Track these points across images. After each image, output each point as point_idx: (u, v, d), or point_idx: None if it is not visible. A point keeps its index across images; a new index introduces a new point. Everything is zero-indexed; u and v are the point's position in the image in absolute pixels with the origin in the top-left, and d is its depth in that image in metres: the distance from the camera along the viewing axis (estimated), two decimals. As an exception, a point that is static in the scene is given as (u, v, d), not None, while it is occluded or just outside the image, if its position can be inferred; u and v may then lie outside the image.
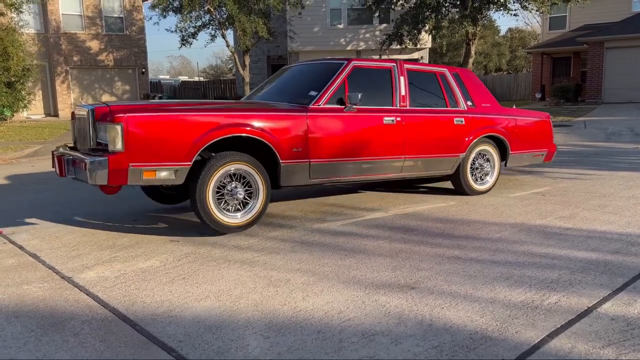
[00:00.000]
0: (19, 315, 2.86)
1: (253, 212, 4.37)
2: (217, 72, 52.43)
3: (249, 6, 18.94)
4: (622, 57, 20.18)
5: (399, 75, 5.32)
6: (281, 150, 4.43)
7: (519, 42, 41.82)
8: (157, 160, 3.96)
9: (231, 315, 2.79)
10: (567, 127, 13.84)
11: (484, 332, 2.54)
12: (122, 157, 3.84)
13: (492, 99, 6.08)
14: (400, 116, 5.15)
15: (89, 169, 3.79)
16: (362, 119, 4.92)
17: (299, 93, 5.01)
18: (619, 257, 3.64)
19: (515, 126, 6.06)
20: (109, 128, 3.85)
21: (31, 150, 12.55)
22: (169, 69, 67.36)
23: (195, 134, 4.04)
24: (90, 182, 3.84)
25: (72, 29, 22.93)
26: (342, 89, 4.88)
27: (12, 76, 15.70)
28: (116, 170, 3.84)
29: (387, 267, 3.51)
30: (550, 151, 6.53)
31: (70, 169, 4.14)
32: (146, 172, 3.94)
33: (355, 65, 5.08)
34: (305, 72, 5.62)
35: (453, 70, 5.88)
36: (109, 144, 3.87)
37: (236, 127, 4.20)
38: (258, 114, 4.37)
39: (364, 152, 4.92)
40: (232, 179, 4.29)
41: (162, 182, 4.06)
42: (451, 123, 5.51)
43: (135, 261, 3.75)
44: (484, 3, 17.75)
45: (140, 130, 3.88)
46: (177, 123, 4.01)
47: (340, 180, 4.92)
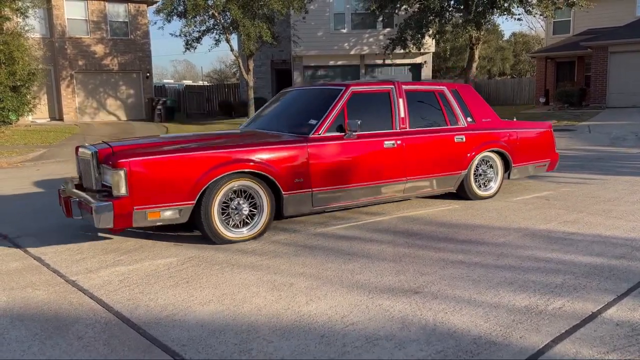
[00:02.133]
0: (23, 319, 2.87)
1: (258, 227, 4.39)
2: (221, 76, 52.58)
3: (253, 11, 18.98)
4: (626, 61, 20.13)
5: (397, 98, 5.31)
6: (283, 182, 4.43)
7: (522, 46, 41.79)
8: (161, 201, 3.99)
9: (235, 319, 2.79)
10: (571, 132, 13.81)
11: (488, 337, 2.53)
12: (126, 201, 3.87)
13: (492, 113, 6.08)
14: (400, 139, 5.15)
15: (95, 214, 3.82)
16: (362, 145, 4.91)
17: (298, 121, 5.02)
18: (623, 262, 3.63)
19: (517, 139, 6.06)
20: (113, 174, 3.88)
21: (36, 154, 12.60)
22: (173, 74, 67.57)
23: (198, 172, 4.06)
24: (97, 226, 3.89)
25: (77, 33, 23.04)
26: (341, 115, 4.87)
27: (17, 80, 15.78)
28: (121, 214, 3.87)
29: (391, 271, 3.51)
30: (552, 161, 6.53)
31: (76, 211, 4.19)
32: (151, 214, 3.98)
33: (353, 91, 5.06)
34: (304, 98, 5.63)
35: (452, 87, 5.87)
36: (113, 188, 3.90)
37: (238, 163, 4.21)
38: (259, 148, 4.38)
39: (366, 177, 4.92)
40: (236, 195, 4.30)
41: (166, 221, 4.10)
42: (452, 141, 5.51)
43: (139, 265, 3.76)
44: (487, 7, 17.74)
45: (143, 173, 3.91)
46: (180, 163, 4.04)
47: (343, 205, 4.96)
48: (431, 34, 19.36)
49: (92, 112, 23.91)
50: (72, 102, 23.19)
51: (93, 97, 23.99)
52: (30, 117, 20.33)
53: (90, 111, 23.86)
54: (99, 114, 24.05)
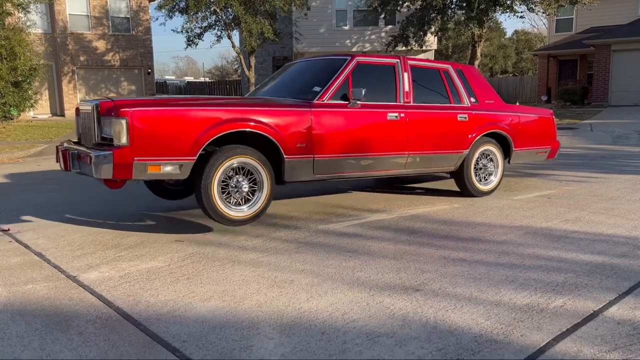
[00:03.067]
0: (24, 314, 2.87)
1: (258, 204, 4.38)
2: (223, 72, 52.54)
3: (255, 7, 18.96)
4: (629, 59, 20.08)
5: (402, 72, 5.31)
6: (285, 146, 4.42)
7: (525, 44, 41.70)
8: (162, 154, 3.97)
9: (235, 315, 2.79)
10: (573, 130, 13.78)
11: (489, 335, 2.53)
12: (127, 151, 3.86)
13: (495, 95, 6.06)
14: (404, 112, 5.14)
15: (94, 163, 3.81)
16: (365, 114, 4.90)
17: (302, 89, 5.01)
18: (625, 260, 3.62)
19: (519, 123, 6.05)
20: (114, 122, 3.87)
21: (37, 149, 12.61)
22: (174, 70, 67.55)
23: (199, 128, 4.05)
24: (95, 176, 3.86)
25: (79, 29, 23.03)
26: (345, 84, 4.87)
27: (19, 76, 15.78)
28: (121, 164, 3.85)
29: (392, 268, 3.50)
30: (553, 148, 6.50)
31: (75, 163, 4.16)
32: (151, 167, 3.96)
33: (358, 62, 5.06)
34: (309, 68, 5.62)
35: (457, 67, 5.87)
36: (114, 138, 3.89)
37: (240, 122, 4.20)
38: (262, 109, 4.37)
39: (368, 148, 4.91)
40: (236, 173, 4.29)
41: (166, 176, 4.07)
42: (455, 119, 5.49)
43: (140, 261, 3.76)
44: (490, 5, 17.70)
45: (145, 124, 3.89)
46: (182, 118, 4.02)
47: (344, 176, 4.91)
48: (433, 31, 19.33)
49: (93, 108, 23.88)
50: (74, 98, 23.19)
51: (94, 92, 23.98)
52: (31, 113, 20.35)
53: (91, 107, 23.83)
54: (101, 110, 24.01)
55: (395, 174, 5.32)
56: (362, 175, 5.08)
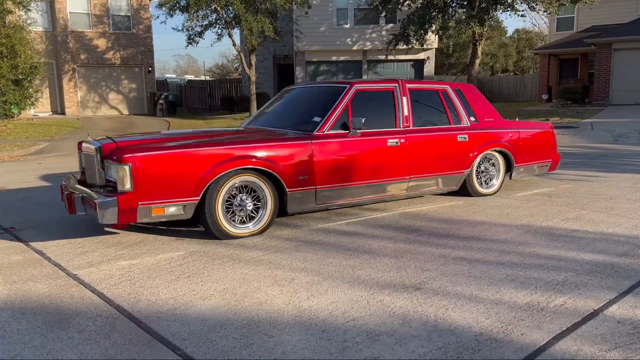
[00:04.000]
0: (25, 312, 2.87)
1: (263, 221, 4.39)
2: (223, 71, 52.52)
3: (256, 5, 18.93)
4: (630, 58, 20.05)
5: (401, 96, 5.30)
6: (287, 179, 4.42)
7: (526, 43, 41.64)
8: (166, 197, 3.98)
9: (236, 313, 2.79)
10: (573, 129, 13.76)
11: (489, 333, 2.53)
12: (131, 196, 3.87)
13: (494, 112, 6.07)
14: (404, 137, 5.14)
15: (99, 209, 3.82)
16: (366, 143, 4.91)
17: (302, 119, 5.01)
18: (625, 259, 3.62)
19: (519, 139, 6.06)
20: (118, 169, 3.87)
21: (38, 147, 12.61)
22: (175, 68, 67.52)
23: (203, 168, 4.05)
24: (101, 222, 3.88)
25: (80, 27, 23.00)
26: (345, 113, 4.86)
27: (19, 74, 15.77)
28: (126, 210, 3.87)
29: (392, 267, 3.51)
30: (554, 162, 6.53)
31: (80, 207, 4.17)
32: (155, 210, 3.98)
33: (358, 89, 5.05)
34: (308, 95, 5.62)
35: (455, 87, 5.86)
36: (118, 184, 3.89)
37: (243, 159, 4.20)
38: (264, 145, 4.37)
39: (370, 175, 4.92)
40: (239, 192, 4.30)
41: (170, 217, 4.09)
42: (455, 140, 5.50)
43: (141, 259, 3.76)
44: (491, 3, 17.67)
45: (148, 168, 3.90)
46: (184, 159, 4.03)
47: (346, 203, 4.95)
48: (434, 29, 19.29)
49: (94, 106, 23.90)
50: (74, 96, 23.18)
51: (95, 91, 23.97)
52: (32, 111, 20.34)
53: (92, 105, 23.85)
54: (101, 108, 24.04)
55: (397, 197, 5.35)
56: (364, 202, 5.12)
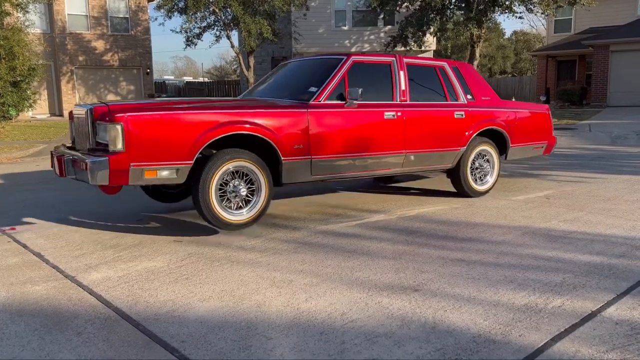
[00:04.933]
0: (23, 314, 2.87)
1: (257, 208, 4.36)
2: (222, 73, 52.53)
3: (254, 7, 18.96)
4: (628, 60, 20.10)
5: (398, 70, 5.30)
6: (282, 148, 4.40)
7: (523, 44, 41.73)
8: (158, 159, 3.94)
9: (234, 315, 2.79)
10: (571, 130, 13.78)
11: (487, 335, 2.53)
12: (122, 157, 3.82)
13: (491, 92, 6.07)
14: (400, 111, 5.14)
15: (90, 169, 3.78)
16: (362, 114, 4.90)
17: (298, 89, 4.99)
18: (623, 261, 3.63)
19: (515, 119, 6.06)
20: (109, 128, 3.83)
21: (36, 149, 12.59)
22: (173, 70, 67.53)
23: (196, 132, 4.03)
24: (91, 183, 3.83)
25: (78, 29, 23.01)
26: (342, 84, 4.85)
27: (17, 75, 15.76)
28: (117, 170, 3.82)
29: (391, 269, 3.51)
30: (549, 144, 6.52)
31: (70, 169, 4.12)
32: (147, 172, 3.93)
33: (354, 61, 5.04)
34: (305, 67, 5.60)
35: (452, 64, 5.87)
36: (110, 144, 3.85)
37: (237, 124, 4.18)
38: (258, 111, 4.35)
39: (366, 147, 4.90)
40: (234, 177, 4.28)
41: (163, 181, 4.05)
42: (451, 117, 5.50)
43: (139, 261, 3.76)
44: (489, 5, 17.72)
45: (140, 129, 3.86)
46: (178, 122, 3.99)
47: (342, 176, 4.91)
48: (432, 31, 19.34)
49: (92, 108, 23.86)
50: (73, 98, 23.17)
51: (93, 92, 23.96)
52: (30, 113, 20.33)
53: (90, 107, 23.81)
54: (99, 110, 23.99)
55: (392, 172, 5.32)
56: (359, 175, 5.08)
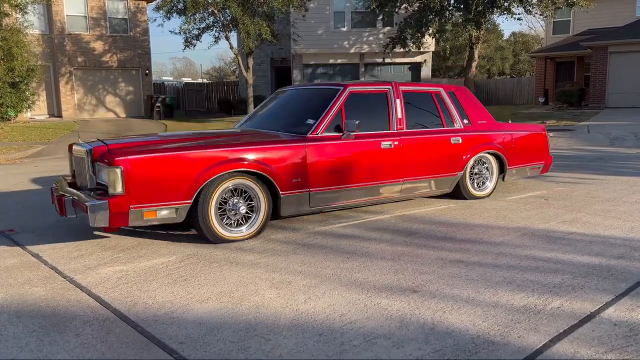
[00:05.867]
0: (21, 315, 2.86)
1: (256, 225, 4.37)
2: (221, 74, 52.55)
3: (253, 8, 18.95)
4: (626, 61, 20.13)
5: (394, 98, 5.30)
6: (281, 182, 4.40)
7: (522, 46, 41.77)
8: (158, 200, 3.94)
9: (233, 317, 2.79)
10: (570, 132, 13.80)
11: (486, 336, 2.53)
12: (122, 199, 3.82)
13: (487, 115, 6.10)
14: (397, 140, 5.14)
15: (90, 213, 3.77)
16: (359, 145, 4.90)
17: (296, 121, 4.99)
18: (622, 262, 3.63)
19: (512, 141, 6.08)
20: (109, 172, 3.83)
21: (34, 150, 12.58)
22: (172, 71, 67.52)
23: (195, 171, 4.02)
24: (92, 225, 3.83)
25: (77, 30, 22.99)
26: (339, 115, 4.86)
27: (16, 76, 15.75)
28: (117, 213, 3.83)
29: (389, 270, 3.51)
30: (546, 163, 6.55)
31: (70, 210, 4.11)
32: (147, 213, 3.94)
33: (351, 91, 5.04)
34: (301, 97, 5.61)
35: (448, 89, 5.88)
36: (109, 187, 3.85)
37: (236, 162, 4.17)
38: (257, 148, 4.35)
39: (363, 177, 4.92)
40: (233, 194, 4.28)
41: (163, 221, 4.06)
42: (448, 143, 5.51)
43: (137, 262, 3.75)
44: (487, 7, 17.75)
45: (140, 171, 3.86)
46: (177, 162, 3.99)
47: (340, 206, 4.95)
48: (431, 33, 19.36)
49: (91, 109, 23.88)
50: (71, 99, 23.15)
51: (92, 93, 23.95)
52: (29, 114, 20.31)
53: (89, 108, 23.82)
54: (98, 111, 24.01)
55: (391, 200, 5.36)
56: (358, 204, 5.12)
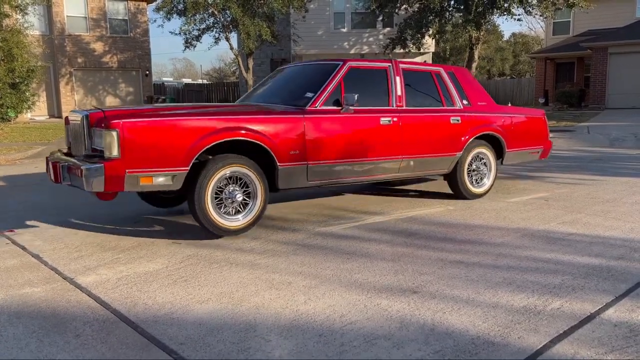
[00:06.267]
0: (21, 316, 2.86)
1: (253, 213, 4.35)
2: (221, 74, 52.56)
3: (253, 9, 18.97)
4: (626, 62, 20.15)
5: (394, 75, 5.30)
6: (278, 153, 4.39)
7: (522, 47, 41.80)
8: (154, 165, 3.92)
9: (233, 317, 2.79)
10: (570, 132, 13.80)
11: (486, 337, 2.53)
12: (118, 163, 3.80)
13: (487, 97, 6.08)
14: (397, 116, 5.14)
15: (85, 176, 3.75)
16: (359, 120, 4.90)
17: (295, 95, 4.98)
18: (622, 263, 3.63)
19: (511, 124, 6.07)
20: (105, 134, 3.81)
21: (34, 151, 12.58)
22: (172, 72, 67.54)
23: (192, 138, 4.01)
24: (87, 189, 3.80)
25: (77, 30, 23.01)
26: (338, 90, 4.85)
27: (16, 77, 15.75)
28: (112, 176, 3.80)
29: (389, 270, 3.51)
30: (545, 148, 6.54)
31: (65, 176, 4.08)
32: (143, 178, 3.91)
33: (351, 66, 5.04)
34: (301, 73, 5.60)
35: (448, 69, 5.87)
36: (105, 150, 3.83)
37: (233, 130, 4.16)
38: (255, 117, 4.34)
39: (362, 153, 4.90)
40: (229, 182, 4.27)
41: (159, 188, 4.03)
42: (447, 122, 5.51)
43: (138, 263, 3.75)
44: (487, 8, 17.76)
45: (136, 136, 3.84)
46: (173, 128, 3.97)
47: (338, 181, 4.91)
48: (431, 33, 19.37)
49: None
50: (71, 100, 23.16)
51: (92, 94, 23.96)
52: (29, 114, 20.31)
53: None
54: (98, 112, 24.01)
55: (389, 178, 5.32)
56: (356, 181, 5.08)
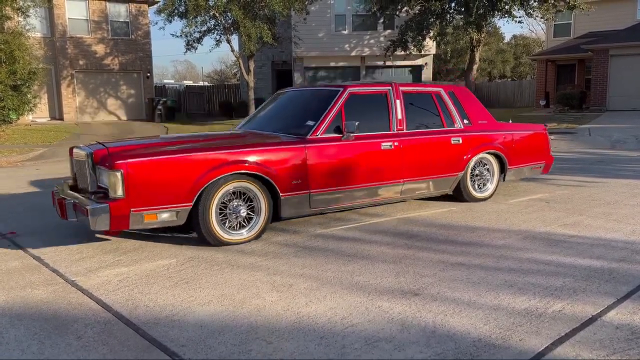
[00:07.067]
0: (22, 318, 2.86)
1: (256, 228, 4.37)
2: (222, 76, 52.59)
3: (254, 12, 18.99)
4: (627, 64, 20.14)
5: (394, 99, 5.30)
6: (281, 184, 4.40)
7: (523, 49, 41.79)
8: (158, 203, 3.94)
9: (234, 319, 2.79)
10: (571, 134, 13.79)
11: (487, 339, 2.53)
12: (123, 203, 3.82)
13: (487, 115, 6.08)
14: (397, 141, 5.14)
15: (91, 216, 3.77)
16: (359, 146, 4.90)
17: (295, 123, 5.00)
18: (623, 265, 3.62)
19: (512, 141, 6.07)
20: (110, 175, 3.83)
21: (36, 153, 12.60)
22: (173, 74, 67.56)
23: (195, 174, 4.02)
24: (92, 228, 3.83)
25: (79, 33, 23.04)
26: (339, 117, 4.86)
27: (18, 79, 15.76)
28: (118, 216, 3.83)
29: (391, 273, 3.51)
30: (547, 163, 6.54)
31: (71, 213, 4.12)
32: (147, 216, 3.94)
33: (351, 92, 5.04)
34: (301, 99, 5.61)
35: (448, 89, 5.87)
36: (110, 190, 3.85)
37: (236, 164, 4.17)
38: (257, 149, 4.35)
39: (363, 179, 4.91)
40: (233, 197, 4.27)
41: (163, 224, 4.05)
42: (448, 143, 5.51)
43: (139, 265, 3.76)
44: (488, 10, 17.76)
45: (140, 175, 3.86)
46: (177, 164, 3.99)
47: (340, 207, 4.95)
48: (432, 35, 19.37)
49: (92, 111, 23.91)
50: (73, 102, 23.18)
51: (93, 96, 23.98)
52: (30, 117, 20.32)
53: (90, 111, 23.86)
54: (99, 114, 24.05)
55: (391, 201, 5.36)
56: (358, 205, 5.12)
